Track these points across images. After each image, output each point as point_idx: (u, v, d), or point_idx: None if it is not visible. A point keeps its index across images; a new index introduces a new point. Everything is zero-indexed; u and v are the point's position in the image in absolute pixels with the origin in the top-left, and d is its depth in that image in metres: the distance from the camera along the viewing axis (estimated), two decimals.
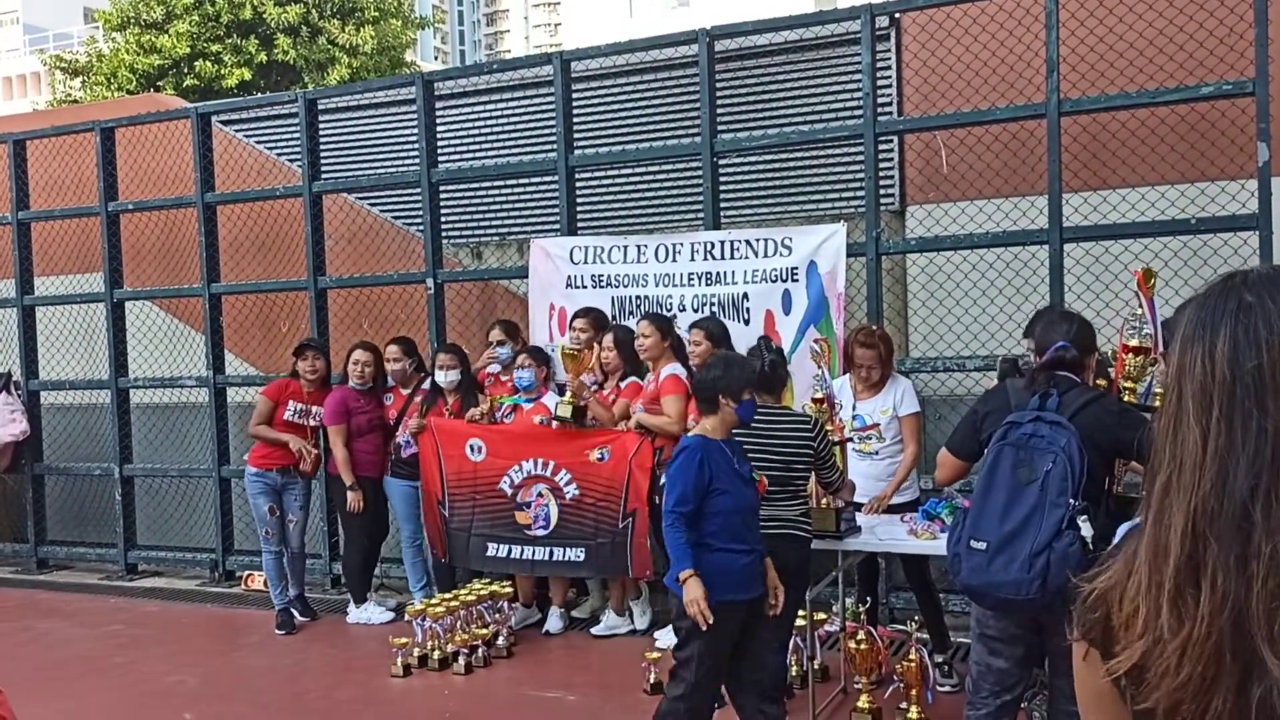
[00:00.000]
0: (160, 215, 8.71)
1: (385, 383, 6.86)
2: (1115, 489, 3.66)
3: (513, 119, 8.34)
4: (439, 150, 7.56)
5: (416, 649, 5.87)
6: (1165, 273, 5.59)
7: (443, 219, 7.73)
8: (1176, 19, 5.85)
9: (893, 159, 6.92)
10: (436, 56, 77.44)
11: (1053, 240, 5.76)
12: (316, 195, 7.71)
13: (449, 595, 6.16)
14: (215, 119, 8.44)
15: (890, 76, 6.86)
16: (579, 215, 7.16)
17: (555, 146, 7.02)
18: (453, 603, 5.98)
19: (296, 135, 7.92)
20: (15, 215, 8.79)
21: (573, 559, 6.17)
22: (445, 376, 6.58)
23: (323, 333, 7.62)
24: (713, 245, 6.38)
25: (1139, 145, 6.06)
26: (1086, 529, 3.30)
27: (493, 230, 8.47)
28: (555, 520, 6.17)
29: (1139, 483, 3.50)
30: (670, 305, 6.46)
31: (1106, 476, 3.56)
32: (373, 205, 8.55)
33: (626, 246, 6.65)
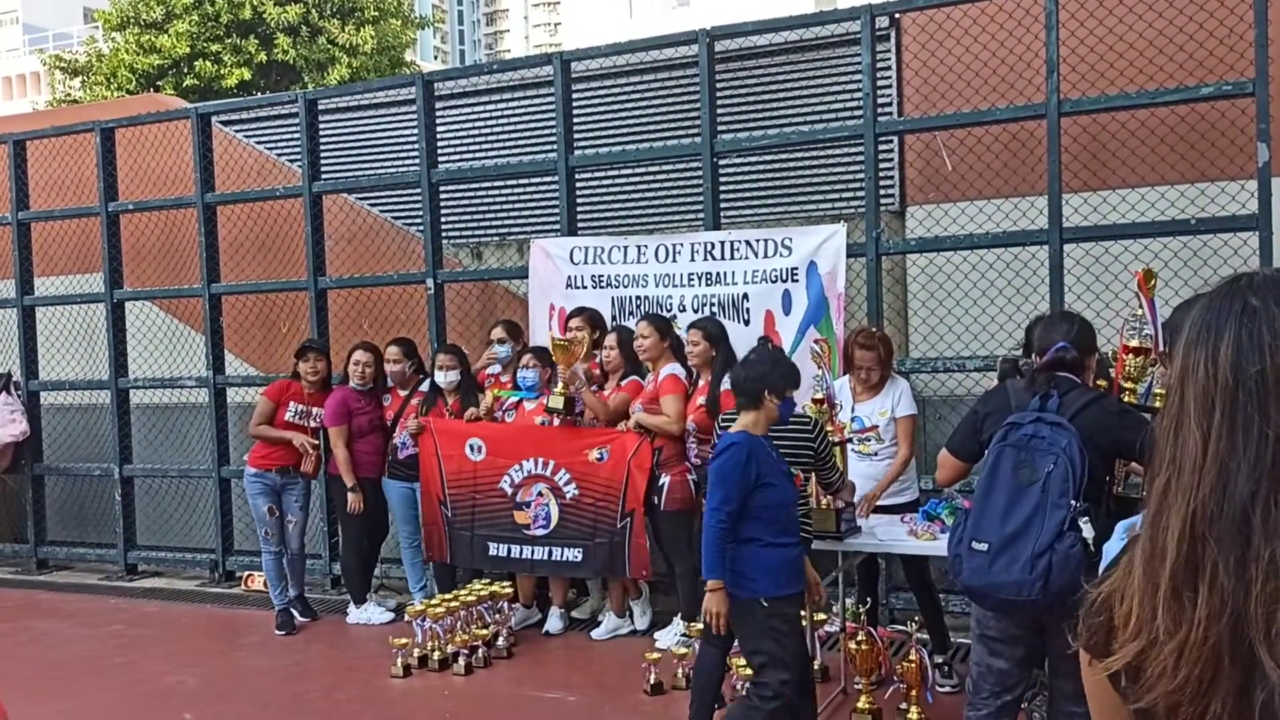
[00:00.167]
0: (160, 215, 8.71)
1: (386, 383, 6.86)
2: (1116, 490, 3.66)
3: (513, 119, 8.35)
4: (439, 150, 7.56)
5: (416, 649, 5.87)
6: (1165, 273, 5.58)
7: (443, 219, 7.73)
8: (1176, 19, 5.85)
9: (893, 159, 6.92)
10: (436, 56, 77.43)
11: (1053, 241, 5.76)
12: (316, 195, 7.71)
13: (449, 596, 6.15)
14: (215, 119, 8.44)
15: (890, 77, 6.86)
16: (579, 215, 7.16)
17: (555, 147, 7.01)
18: (453, 603, 5.98)
19: (296, 135, 7.92)
20: (15, 215, 8.78)
21: (571, 559, 6.17)
22: (445, 377, 6.58)
23: (323, 333, 7.61)
24: (713, 246, 6.38)
25: (1139, 146, 6.06)
26: (1088, 530, 3.30)
27: (493, 230, 8.47)
28: (556, 520, 6.18)
29: (1140, 483, 3.50)
30: (670, 306, 6.46)
31: (1107, 477, 3.56)
32: (373, 205, 8.55)
33: (626, 247, 6.65)
